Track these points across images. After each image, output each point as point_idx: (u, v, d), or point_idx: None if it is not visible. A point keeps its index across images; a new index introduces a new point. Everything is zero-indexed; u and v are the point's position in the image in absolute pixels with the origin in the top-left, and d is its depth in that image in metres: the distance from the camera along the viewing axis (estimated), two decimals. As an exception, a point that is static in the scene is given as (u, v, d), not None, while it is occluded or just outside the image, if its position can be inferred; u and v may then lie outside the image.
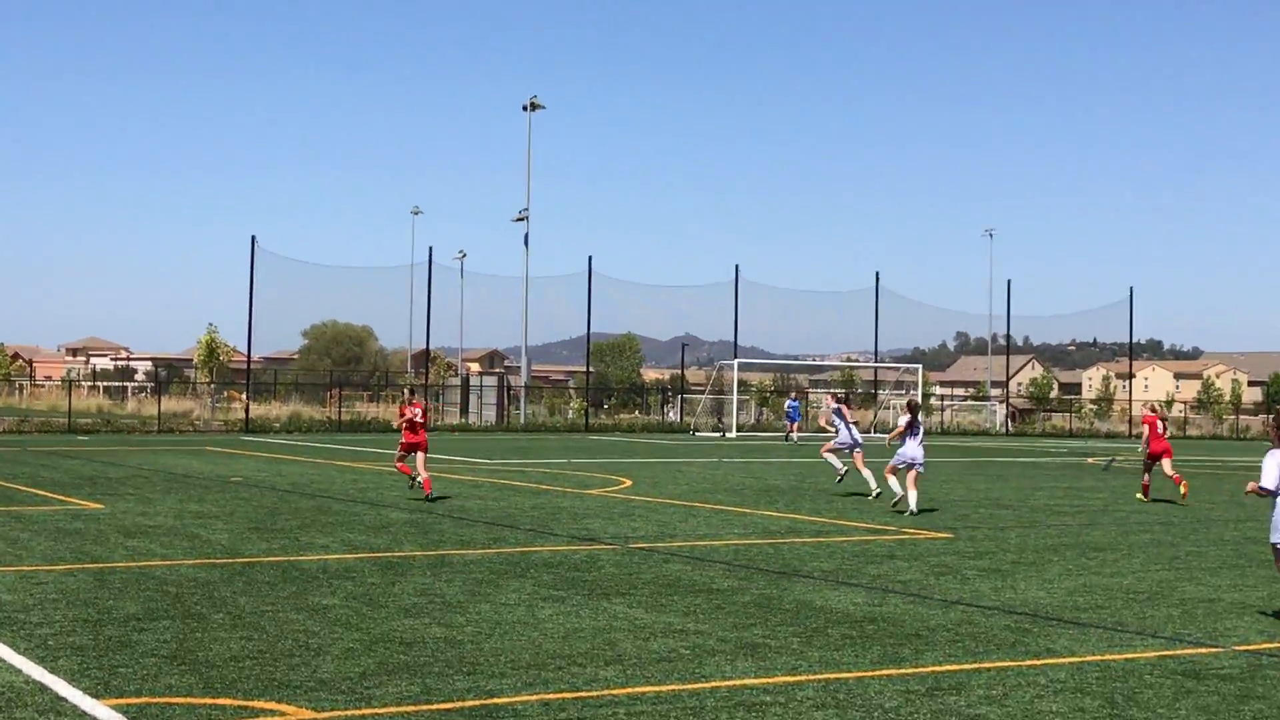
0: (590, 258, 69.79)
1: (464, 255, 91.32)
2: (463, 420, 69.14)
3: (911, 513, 21.72)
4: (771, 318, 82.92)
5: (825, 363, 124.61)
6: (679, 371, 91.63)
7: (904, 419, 22.54)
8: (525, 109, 70.25)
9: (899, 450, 22.50)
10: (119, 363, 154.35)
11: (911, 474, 22.18)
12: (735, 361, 69.75)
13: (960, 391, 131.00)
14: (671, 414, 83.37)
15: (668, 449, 47.29)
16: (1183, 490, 26.27)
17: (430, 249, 66.88)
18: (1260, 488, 12.06)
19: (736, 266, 72.76)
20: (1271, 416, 12.91)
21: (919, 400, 24.70)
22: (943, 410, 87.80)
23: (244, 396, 63.18)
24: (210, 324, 66.04)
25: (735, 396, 68.85)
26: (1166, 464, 26.60)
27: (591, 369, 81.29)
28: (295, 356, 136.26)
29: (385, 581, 13.55)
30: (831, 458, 26.77)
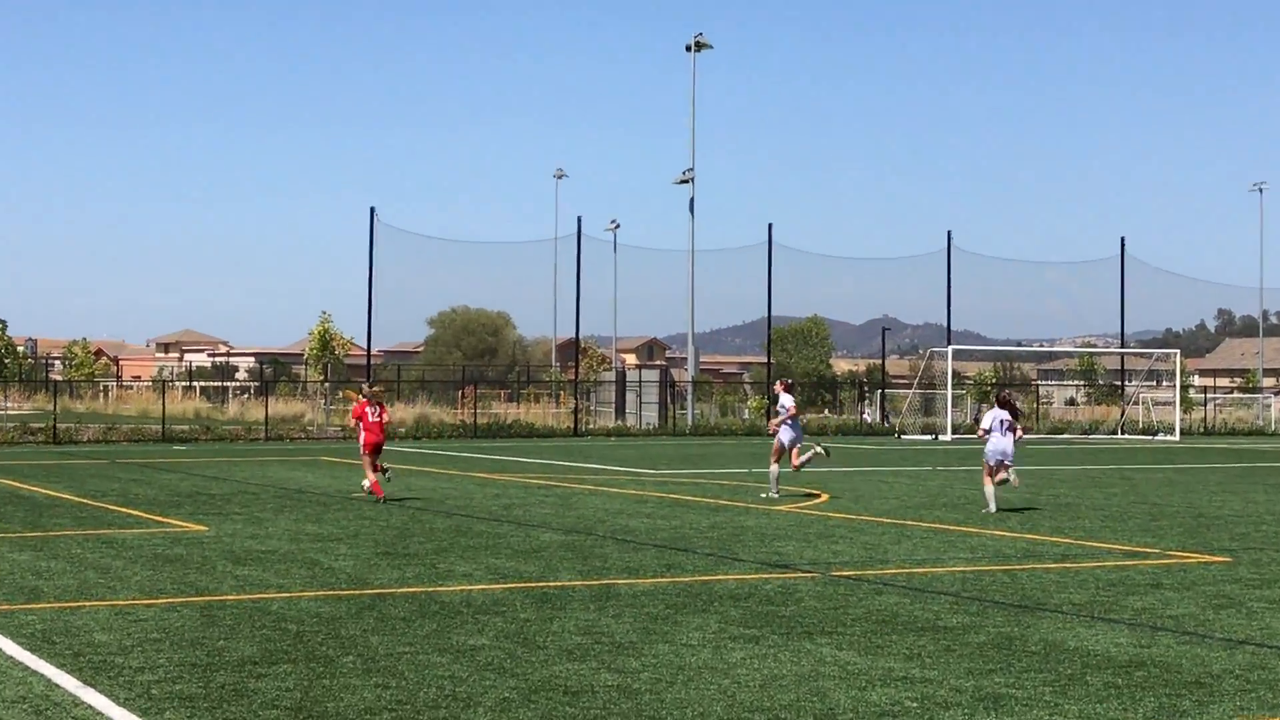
0: (770, 226, 69.63)
1: (617, 225, 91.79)
2: (619, 422, 69.41)
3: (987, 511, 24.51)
4: (991, 295, 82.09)
5: (1057, 349, 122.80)
6: (877, 361, 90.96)
7: (994, 415, 25.21)
8: (689, 49, 70.23)
9: (989, 447, 24.95)
10: (218, 359, 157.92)
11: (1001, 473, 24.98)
12: (949, 349, 69.03)
13: (1225, 382, 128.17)
14: (868, 413, 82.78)
15: (869, 455, 46.89)
16: None
17: (578, 219, 67.19)
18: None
19: (949, 233, 72.06)
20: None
21: (1010, 395, 26.97)
22: (1205, 405, 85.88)
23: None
24: (323, 312, 67.24)
25: (949, 391, 68.06)
26: None
27: (772, 359, 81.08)
28: (421, 349, 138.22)
29: (541, 617, 13.52)
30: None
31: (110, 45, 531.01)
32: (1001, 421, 25.06)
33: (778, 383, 30.05)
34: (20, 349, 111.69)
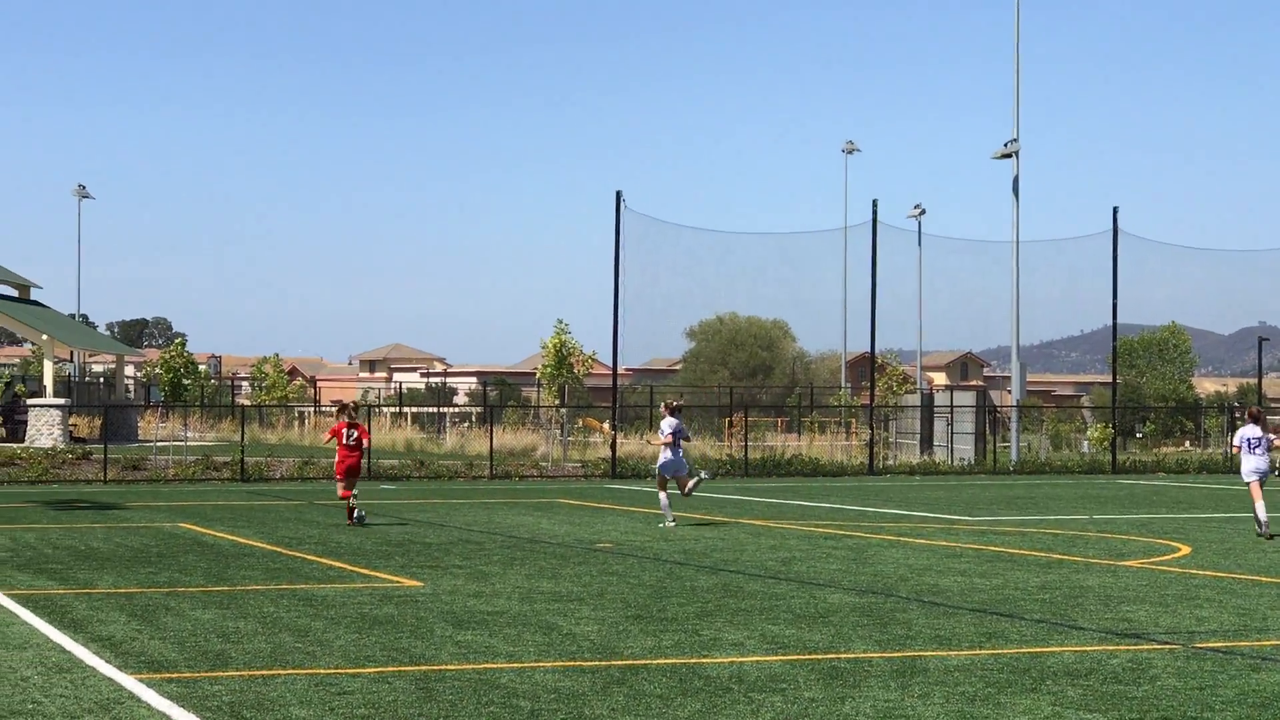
0: (1114, 211, 68.63)
1: (922, 211, 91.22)
2: (924, 457, 69.06)
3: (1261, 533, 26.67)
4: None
5: None
6: (1251, 380, 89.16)
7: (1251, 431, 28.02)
8: (1011, -9, 69.61)
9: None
10: (433, 380, 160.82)
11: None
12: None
13: None
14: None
15: (1241, 498, 45.93)
16: None
17: (874, 204, 66.72)
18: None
19: (1342, 217, 70.25)
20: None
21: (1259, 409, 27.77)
22: None
23: (609, 426, 64.76)
24: (559, 321, 67.91)
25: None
26: None
27: (1118, 378, 79.99)
28: (678, 367, 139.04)
29: (830, 696, 13.53)
30: None
31: (313, 39, 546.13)
32: (1249, 440, 28.00)
33: (663, 403, 33.74)
34: (202, 368, 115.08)
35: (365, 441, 33.79)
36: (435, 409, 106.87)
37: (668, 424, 33.54)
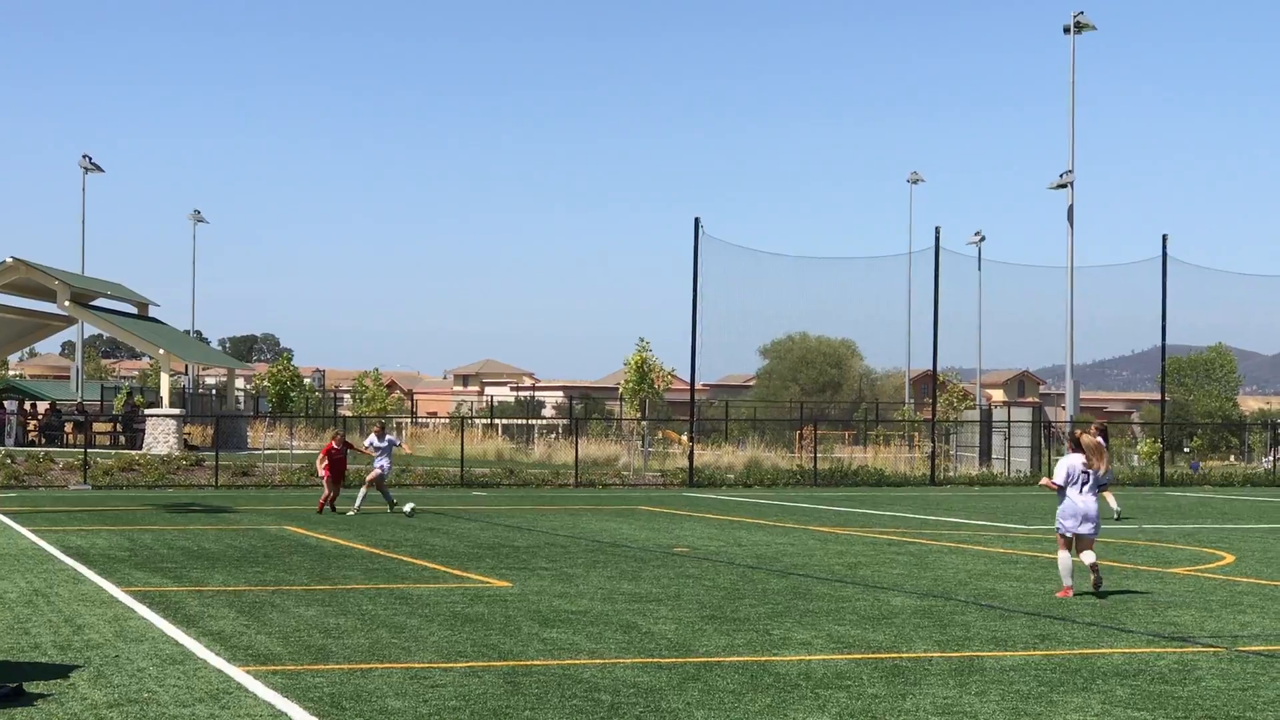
0: (1164, 238, 68.17)
1: (982, 238, 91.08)
2: (983, 469, 68.78)
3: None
4: None
5: None
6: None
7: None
8: (1067, 31, 69.46)
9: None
10: (522, 394, 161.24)
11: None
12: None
13: None
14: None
15: (1283, 510, 45.59)
16: None
17: (936, 231, 66.53)
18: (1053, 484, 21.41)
19: (1381, 245, 69.63)
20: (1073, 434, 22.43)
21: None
22: None
23: (687, 438, 64.73)
24: (641, 339, 67.93)
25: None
26: None
27: (1166, 395, 79.48)
28: (752, 383, 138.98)
29: (892, 693, 13.50)
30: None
31: (408, 66, 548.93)
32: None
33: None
34: (307, 381, 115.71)
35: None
36: (524, 421, 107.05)
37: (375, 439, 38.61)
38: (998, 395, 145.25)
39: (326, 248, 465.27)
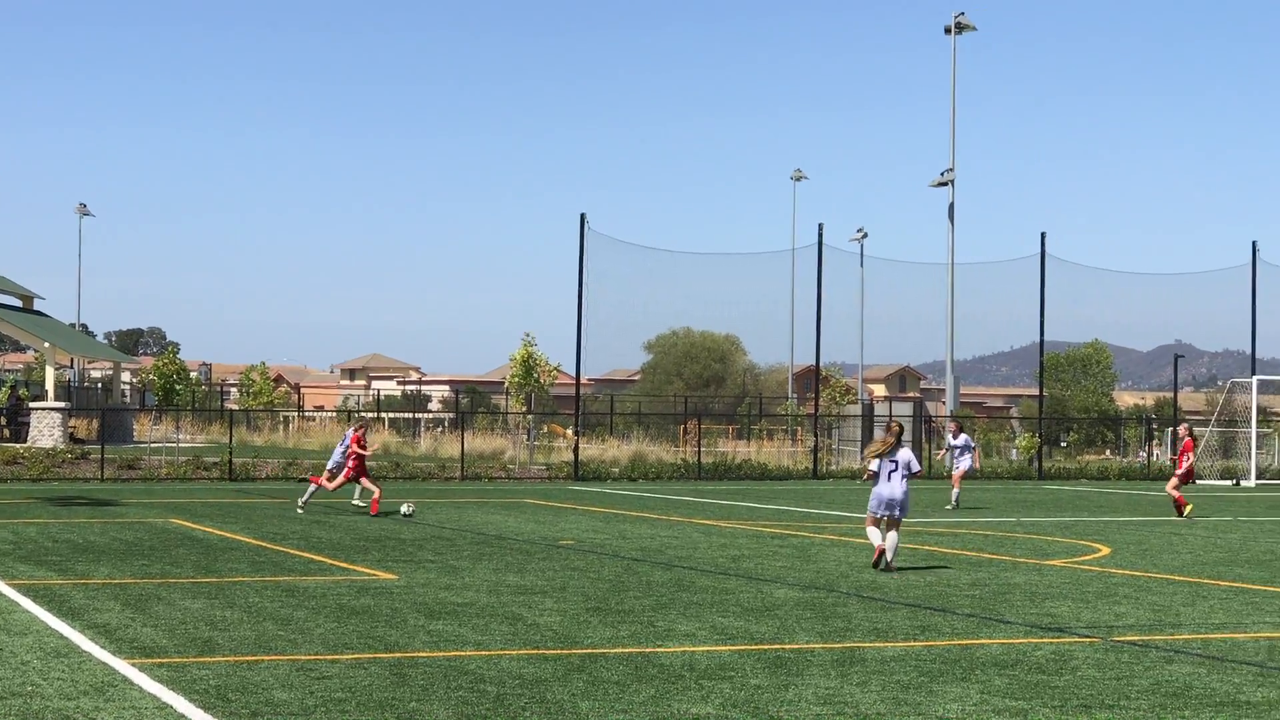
0: (1043, 236, 68.76)
1: (864, 235, 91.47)
2: (865, 463, 69.14)
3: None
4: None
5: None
6: (1168, 394, 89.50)
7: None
8: (948, 31, 69.94)
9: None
10: (408, 388, 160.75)
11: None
12: (1253, 380, 67.61)
13: None
14: (1159, 454, 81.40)
15: (1157, 504, 46.11)
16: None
17: (819, 228, 66.77)
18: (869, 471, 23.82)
19: (1254, 245, 70.62)
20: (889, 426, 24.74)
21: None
22: None
23: (572, 431, 64.73)
24: (526, 334, 67.86)
25: (1254, 429, 66.70)
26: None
27: (1044, 391, 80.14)
28: (637, 378, 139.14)
29: (774, 684, 13.55)
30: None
31: (294, 58, 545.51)
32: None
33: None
34: (194, 375, 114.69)
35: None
36: (411, 415, 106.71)
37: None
38: (879, 390, 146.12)
39: (213, 241, 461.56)
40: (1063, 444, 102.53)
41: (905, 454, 23.84)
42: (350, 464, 34.96)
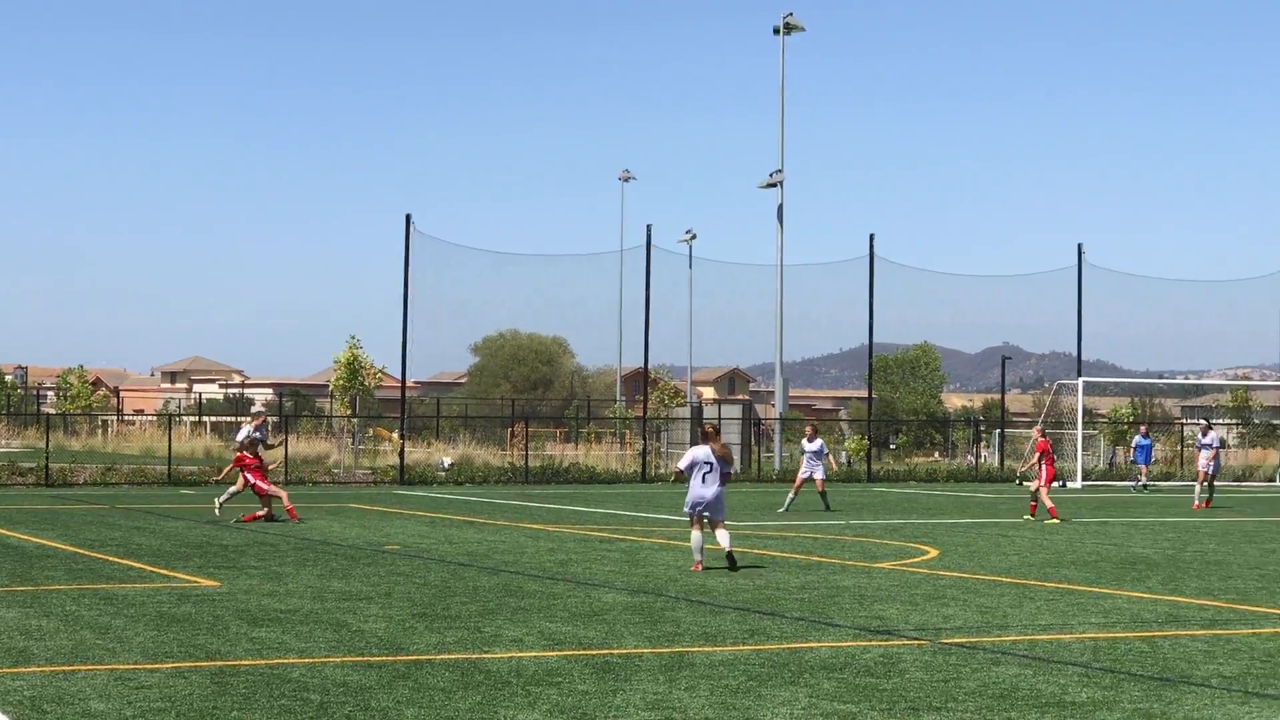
0: (871, 238, 69.51)
1: (693, 236, 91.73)
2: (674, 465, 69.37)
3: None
4: (1128, 319, 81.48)
5: (1206, 381, 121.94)
6: (996, 396, 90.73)
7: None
8: (776, 32, 70.34)
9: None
10: (231, 391, 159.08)
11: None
12: (1079, 381, 68.66)
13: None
14: (986, 455, 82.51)
15: (985, 505, 46.75)
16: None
17: (648, 229, 67.05)
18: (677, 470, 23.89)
19: (1079, 247, 71.74)
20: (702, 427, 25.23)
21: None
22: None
23: (397, 435, 64.43)
24: (351, 337, 67.38)
25: (1080, 431, 67.78)
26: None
27: (873, 393, 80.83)
28: (464, 380, 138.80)
29: (602, 689, 13.57)
30: None
31: (108, 49, 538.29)
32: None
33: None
34: (9, 378, 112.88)
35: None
36: (233, 418, 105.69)
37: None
38: (709, 392, 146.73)
39: (27, 242, 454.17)
40: (891, 446, 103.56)
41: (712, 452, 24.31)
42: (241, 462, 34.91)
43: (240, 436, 37.28)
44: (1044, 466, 38.24)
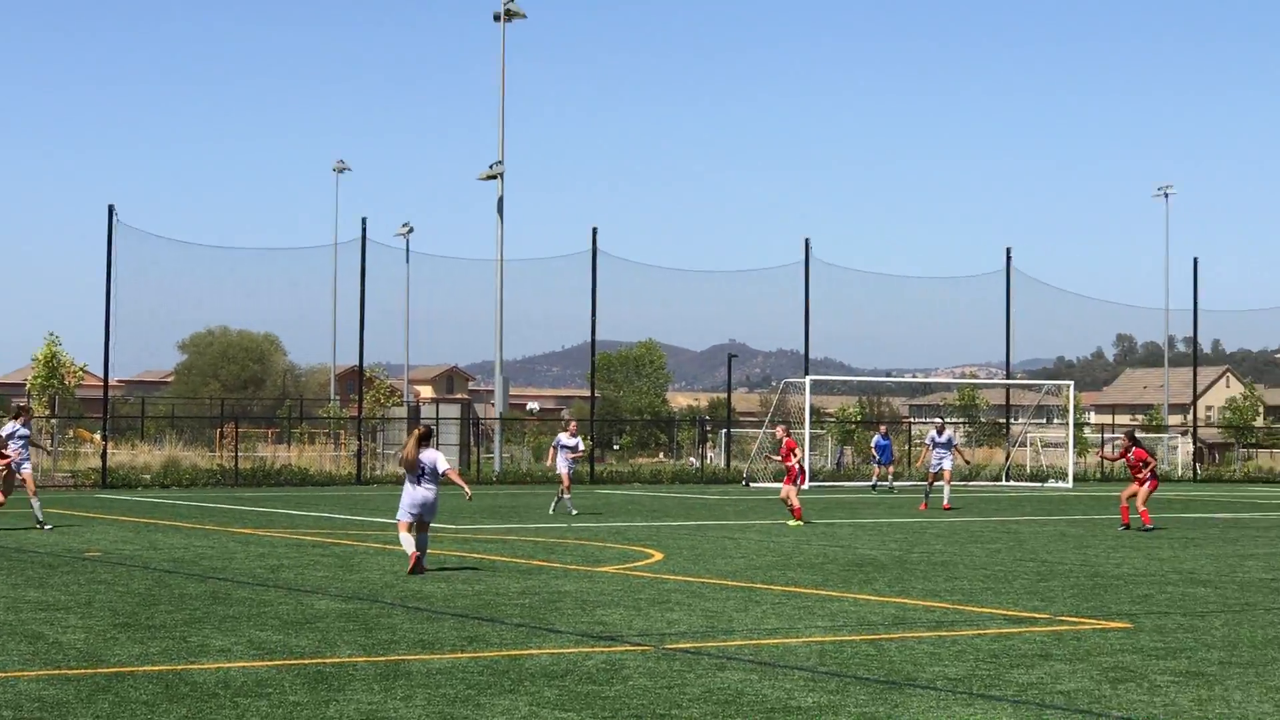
0: (594, 231, 69.86)
1: (410, 230, 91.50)
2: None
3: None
4: (856, 317, 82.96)
5: (933, 379, 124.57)
6: (722, 395, 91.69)
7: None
8: (496, 19, 70.34)
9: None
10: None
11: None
12: (806, 380, 69.66)
13: (1125, 419, 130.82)
14: (713, 456, 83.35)
15: (711, 507, 47.21)
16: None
17: (363, 222, 66.68)
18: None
19: (806, 242, 72.86)
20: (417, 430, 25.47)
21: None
22: (1103, 447, 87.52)
23: (100, 436, 63.27)
24: (50, 333, 66.14)
25: (808, 430, 68.76)
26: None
27: (597, 393, 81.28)
28: (170, 379, 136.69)
29: (315, 700, 13.43)
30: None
31: None
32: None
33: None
34: None
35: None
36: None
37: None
38: (427, 392, 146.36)
39: None
40: (615, 446, 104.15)
41: (432, 456, 24.81)
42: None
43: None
44: (791, 467, 38.10)
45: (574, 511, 40.57)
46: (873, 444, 67.71)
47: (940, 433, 46.43)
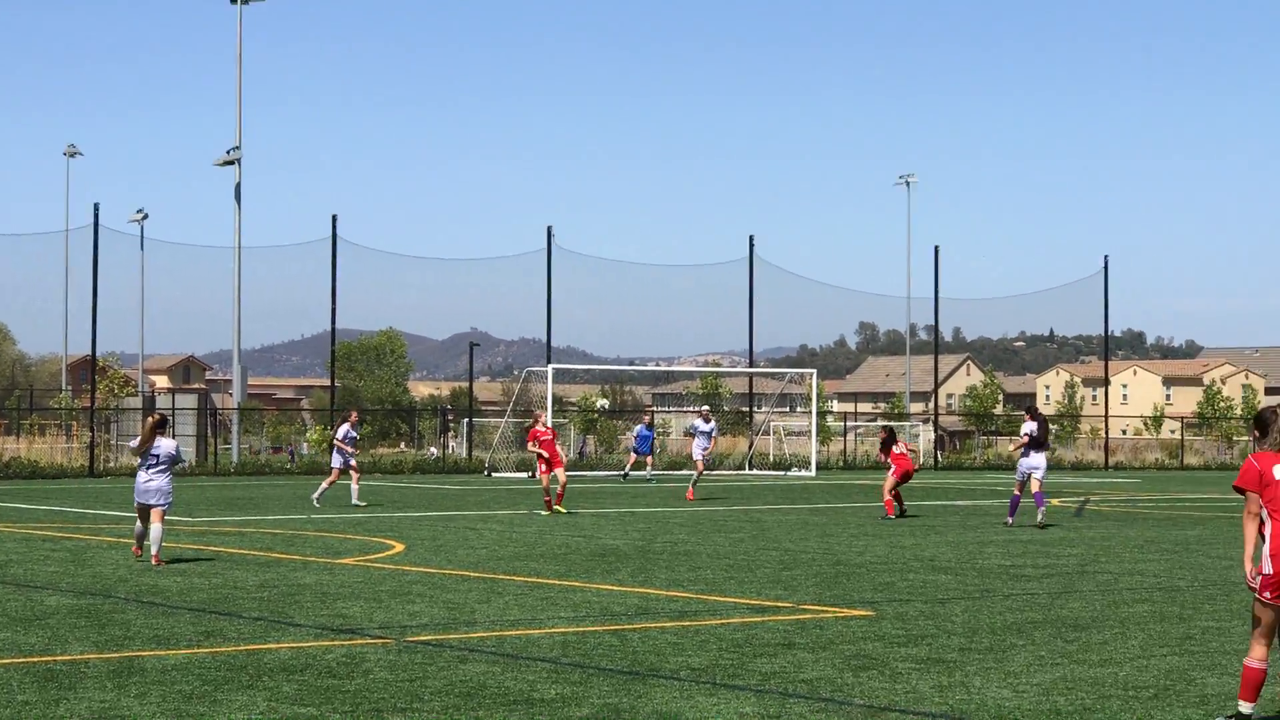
0: (334, 218, 69.39)
1: (144, 216, 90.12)
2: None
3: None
4: (600, 305, 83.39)
5: (676, 368, 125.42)
6: (464, 384, 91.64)
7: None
8: (233, 1, 69.44)
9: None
10: None
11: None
12: (548, 369, 69.74)
13: (866, 407, 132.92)
14: (454, 445, 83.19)
15: (452, 497, 47.11)
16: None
17: (95, 207, 65.65)
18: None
19: (549, 229, 73.00)
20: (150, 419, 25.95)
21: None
22: (845, 435, 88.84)
23: None
24: None
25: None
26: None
27: (337, 382, 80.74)
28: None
29: (45, 699, 13.20)
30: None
31: None
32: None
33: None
34: None
35: None
36: None
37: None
38: (162, 381, 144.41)
39: None
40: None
41: (167, 444, 25.12)
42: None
43: None
44: (549, 452, 38.36)
45: (319, 505, 40.10)
46: (635, 433, 67.95)
47: (706, 421, 47.20)
